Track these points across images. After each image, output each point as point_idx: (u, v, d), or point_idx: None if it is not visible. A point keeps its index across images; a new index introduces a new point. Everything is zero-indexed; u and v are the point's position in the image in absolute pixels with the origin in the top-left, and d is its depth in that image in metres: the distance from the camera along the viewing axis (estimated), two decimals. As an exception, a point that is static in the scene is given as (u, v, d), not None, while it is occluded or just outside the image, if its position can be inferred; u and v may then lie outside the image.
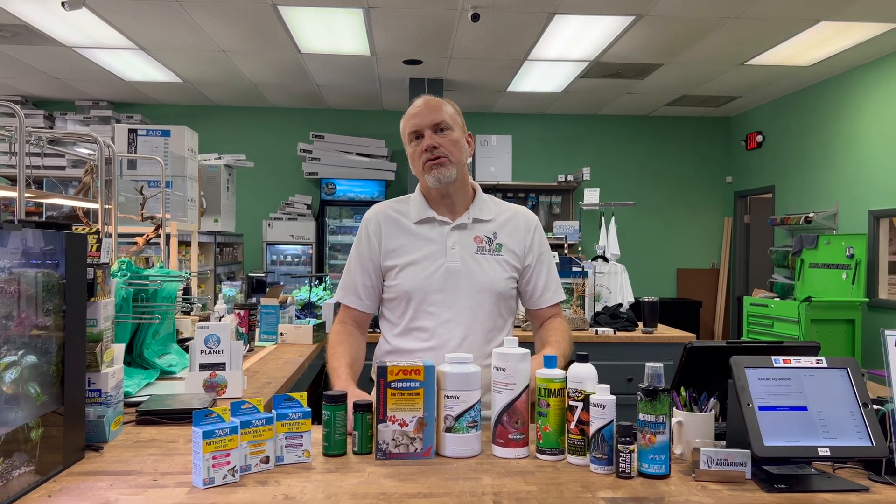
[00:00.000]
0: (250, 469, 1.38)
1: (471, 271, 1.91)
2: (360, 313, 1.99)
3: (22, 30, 5.32)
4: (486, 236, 1.95)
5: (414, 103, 1.94)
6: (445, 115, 1.90)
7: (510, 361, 1.49)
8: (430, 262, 1.91)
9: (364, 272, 1.97)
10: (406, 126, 1.93)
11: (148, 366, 2.33)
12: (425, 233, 1.95)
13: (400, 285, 1.92)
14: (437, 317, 1.90)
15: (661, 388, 1.37)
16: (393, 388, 1.47)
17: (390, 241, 1.95)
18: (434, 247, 1.93)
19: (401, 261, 1.93)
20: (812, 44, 5.59)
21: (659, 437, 1.36)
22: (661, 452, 1.36)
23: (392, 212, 1.99)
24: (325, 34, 5.42)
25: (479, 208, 1.98)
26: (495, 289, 1.92)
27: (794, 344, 1.52)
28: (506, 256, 1.95)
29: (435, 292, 1.90)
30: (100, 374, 1.56)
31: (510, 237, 1.97)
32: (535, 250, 1.99)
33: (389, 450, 1.46)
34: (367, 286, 1.97)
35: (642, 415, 1.37)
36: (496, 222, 1.98)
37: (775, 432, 1.32)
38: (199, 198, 5.56)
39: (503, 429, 1.49)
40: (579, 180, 7.72)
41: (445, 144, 1.89)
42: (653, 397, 1.36)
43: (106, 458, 1.47)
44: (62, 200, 2.68)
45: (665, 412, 1.36)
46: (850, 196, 6.33)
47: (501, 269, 1.94)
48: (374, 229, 1.98)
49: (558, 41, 5.56)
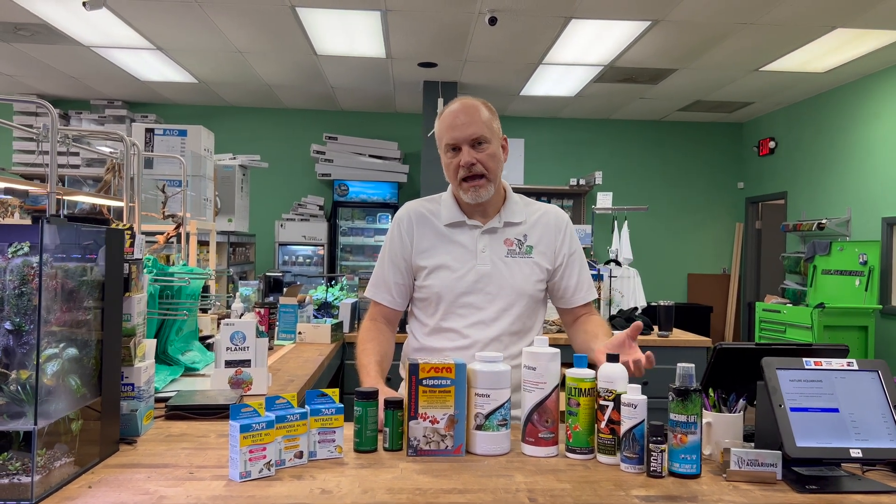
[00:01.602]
0: (284, 463, 1.39)
1: (501, 275, 1.92)
2: (391, 310, 2.01)
3: (42, 29, 5.37)
4: (517, 239, 1.96)
5: (450, 108, 1.92)
6: (483, 127, 1.87)
7: (541, 361, 1.50)
8: (461, 266, 1.92)
9: (395, 269, 1.98)
10: (442, 137, 1.92)
11: (172, 362, 2.35)
12: (455, 236, 1.95)
13: (431, 286, 1.93)
14: (466, 318, 1.91)
15: (692, 387, 1.38)
16: (424, 385, 1.48)
17: (422, 240, 1.96)
18: (464, 250, 1.93)
19: (431, 262, 1.94)
20: (827, 50, 5.59)
21: (690, 436, 1.36)
22: (693, 452, 1.37)
23: (424, 210, 2.00)
24: (342, 36, 5.45)
25: (511, 211, 1.98)
26: (525, 292, 1.93)
27: (822, 346, 1.53)
28: (536, 259, 1.95)
29: (465, 295, 1.91)
30: (133, 369, 1.58)
31: (541, 238, 1.98)
32: (566, 250, 1.99)
33: (420, 446, 1.48)
34: (399, 283, 1.98)
35: (673, 414, 1.38)
36: (526, 224, 1.98)
37: (807, 433, 1.33)
38: (214, 197, 5.59)
39: (533, 427, 1.50)
40: (591, 184, 7.73)
41: (484, 160, 1.87)
42: (684, 397, 1.37)
43: (140, 451, 1.48)
44: (89, 198, 2.71)
45: (696, 412, 1.37)
46: (864, 203, 6.32)
47: (531, 272, 1.94)
48: (406, 227, 1.98)
49: (573, 45, 5.57)
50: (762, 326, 6.57)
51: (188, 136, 5.14)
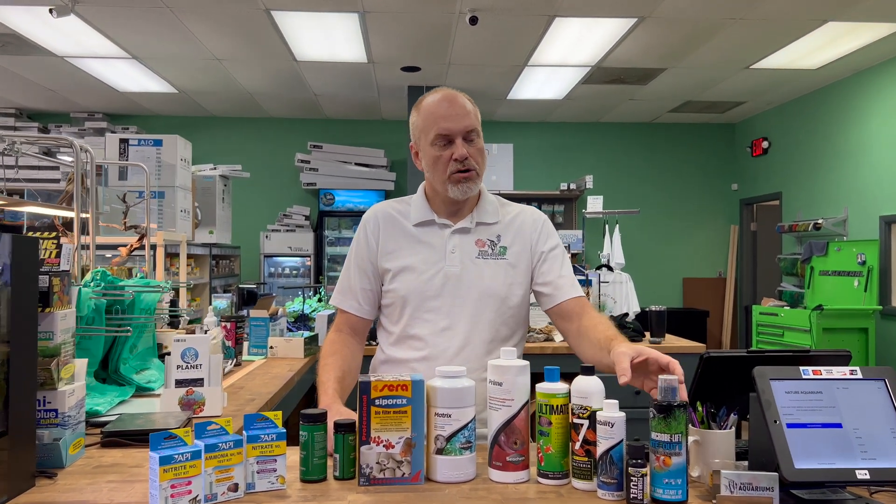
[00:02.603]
0: (216, 498, 1.23)
1: (470, 276, 1.77)
2: (358, 319, 1.85)
3: (12, 39, 5.22)
4: (490, 240, 1.82)
5: (434, 98, 1.78)
6: (474, 119, 1.77)
7: (508, 375, 1.34)
8: (428, 267, 1.77)
9: (362, 274, 1.83)
10: (432, 126, 1.75)
11: (124, 382, 2.18)
12: (424, 236, 1.81)
13: (396, 290, 1.78)
14: (433, 324, 1.76)
15: (676, 403, 1.22)
16: (377, 405, 1.32)
17: (388, 242, 1.82)
18: (432, 251, 1.79)
19: (397, 264, 1.80)
20: (819, 45, 5.46)
21: (675, 458, 1.20)
22: (678, 476, 1.21)
23: (392, 211, 1.86)
24: (321, 40, 5.31)
25: (484, 210, 1.84)
26: (497, 294, 1.77)
27: (821, 352, 1.37)
28: (510, 260, 1.81)
29: (431, 298, 1.76)
30: (56, 393, 1.42)
31: (515, 238, 1.83)
32: (544, 247, 1.83)
33: (374, 475, 1.32)
34: (366, 290, 1.83)
35: (655, 433, 1.22)
36: (501, 224, 1.84)
37: (807, 453, 1.17)
38: (194, 209, 5.43)
39: (500, 450, 1.34)
40: (582, 188, 7.59)
41: (475, 155, 1.75)
42: (667, 414, 1.21)
43: (59, 485, 1.32)
44: (36, 209, 2.55)
45: (681, 430, 1.21)
46: (861, 201, 6.17)
47: (504, 274, 1.79)
48: (372, 229, 1.84)
49: (559, 45, 5.44)
50: (759, 330, 6.41)
51: (164, 146, 4.98)
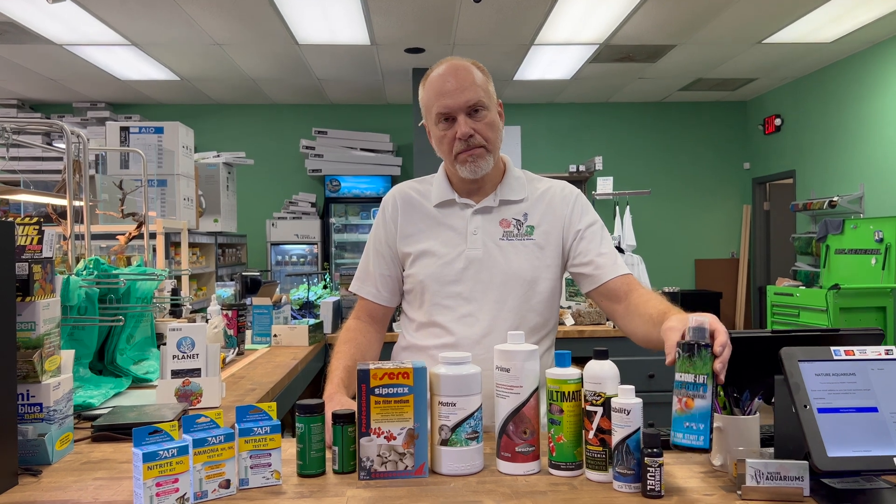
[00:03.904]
0: (207, 496, 1.15)
1: (493, 260, 1.65)
2: (377, 306, 1.76)
3: (9, 27, 5.14)
4: (515, 219, 1.69)
5: (437, 71, 1.64)
6: (480, 90, 1.60)
7: (515, 360, 1.26)
8: (449, 251, 1.67)
9: (381, 259, 1.74)
10: (432, 105, 1.63)
11: (121, 373, 2.11)
12: (445, 218, 1.70)
13: (415, 275, 1.69)
14: (454, 311, 1.65)
15: (703, 342, 1.13)
16: (377, 394, 1.24)
17: (407, 225, 1.72)
18: (454, 233, 1.68)
19: (416, 248, 1.69)
20: (833, 17, 5.30)
21: (698, 400, 1.10)
22: (701, 420, 1.10)
23: (412, 192, 1.75)
24: (322, 22, 5.20)
25: (509, 187, 1.71)
26: (522, 278, 1.65)
27: (851, 331, 1.28)
28: (538, 240, 1.68)
29: (452, 283, 1.65)
30: (40, 386, 1.35)
31: (544, 216, 1.70)
32: (578, 222, 1.69)
33: (375, 468, 1.24)
34: (385, 276, 1.74)
35: (679, 374, 1.12)
36: (528, 202, 1.71)
37: (840, 439, 1.08)
38: (198, 197, 5.36)
39: (509, 440, 1.26)
40: (591, 170, 7.47)
41: (482, 130, 1.61)
42: (692, 353, 1.12)
43: (43, 483, 1.25)
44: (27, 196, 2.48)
45: (707, 371, 1.11)
46: (877, 178, 6.03)
47: (531, 256, 1.67)
48: (391, 212, 1.74)
49: (566, 23, 5.31)
50: (774, 311, 6.30)
51: (165, 134, 4.90)
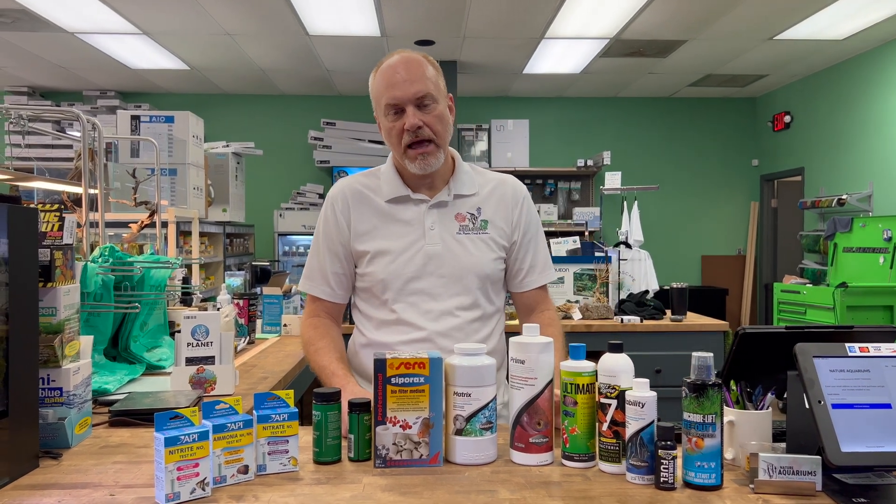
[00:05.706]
0: (225, 480, 1.17)
1: (453, 254, 1.67)
2: (333, 304, 1.75)
3: (22, 15, 5.15)
4: (470, 213, 1.71)
5: (389, 63, 1.63)
6: (429, 83, 1.61)
7: (531, 352, 1.27)
8: (407, 247, 1.67)
9: (333, 257, 1.72)
10: (381, 95, 1.63)
11: (135, 360, 2.14)
12: (399, 213, 1.70)
13: (374, 273, 1.67)
14: (417, 307, 1.66)
15: (710, 381, 1.14)
16: (393, 384, 1.26)
17: (360, 222, 1.70)
18: (410, 229, 1.68)
19: (373, 246, 1.68)
20: (846, 14, 5.28)
21: (708, 440, 1.13)
22: (712, 459, 1.13)
23: (361, 187, 1.73)
24: (333, 13, 5.20)
25: (461, 182, 1.73)
26: (482, 271, 1.68)
27: (865, 328, 1.29)
28: (492, 234, 1.71)
29: (414, 280, 1.66)
30: (60, 371, 1.37)
31: (496, 211, 1.73)
32: (523, 225, 1.75)
33: (390, 456, 1.25)
34: (338, 273, 1.73)
35: (688, 413, 1.15)
36: (479, 196, 1.74)
37: (853, 435, 1.09)
38: (207, 186, 5.38)
39: (523, 431, 1.27)
40: (599, 165, 7.46)
41: (431, 123, 1.61)
42: (700, 393, 1.14)
43: (63, 466, 1.27)
44: (42, 183, 2.50)
45: (715, 411, 1.14)
46: (886, 176, 6.01)
47: (488, 249, 1.70)
48: (341, 208, 1.72)
49: (576, 16, 5.29)
50: (780, 308, 6.29)
51: (175, 123, 4.91)
